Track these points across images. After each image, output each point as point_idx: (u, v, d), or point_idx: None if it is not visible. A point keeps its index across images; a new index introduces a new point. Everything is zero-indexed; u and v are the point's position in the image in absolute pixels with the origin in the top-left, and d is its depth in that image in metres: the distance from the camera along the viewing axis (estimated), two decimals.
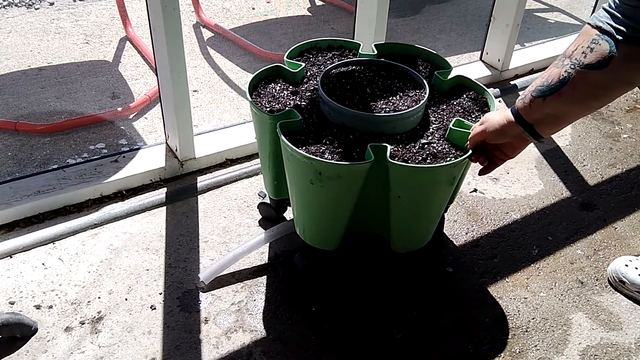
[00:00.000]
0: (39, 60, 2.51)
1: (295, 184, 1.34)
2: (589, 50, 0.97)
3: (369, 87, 1.44)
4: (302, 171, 1.27)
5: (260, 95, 1.43)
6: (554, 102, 1.04)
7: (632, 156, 2.10)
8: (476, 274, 1.60)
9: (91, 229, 1.64)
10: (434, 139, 1.35)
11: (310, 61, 1.59)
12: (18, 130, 2.08)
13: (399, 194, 1.30)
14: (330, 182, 1.25)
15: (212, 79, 2.48)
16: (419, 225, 1.42)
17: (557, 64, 1.04)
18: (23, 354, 1.32)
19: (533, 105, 1.07)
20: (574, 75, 0.99)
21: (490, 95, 1.47)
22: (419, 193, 1.32)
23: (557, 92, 1.02)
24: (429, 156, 1.29)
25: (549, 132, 1.13)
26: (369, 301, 1.50)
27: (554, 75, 1.03)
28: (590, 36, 0.98)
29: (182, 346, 1.36)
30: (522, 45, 2.82)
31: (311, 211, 1.37)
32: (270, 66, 1.49)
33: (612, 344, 1.44)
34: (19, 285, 1.47)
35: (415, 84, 1.47)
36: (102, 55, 2.59)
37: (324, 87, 1.39)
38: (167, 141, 1.89)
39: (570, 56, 1.01)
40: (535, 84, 1.07)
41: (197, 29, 2.88)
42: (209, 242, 1.63)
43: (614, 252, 1.70)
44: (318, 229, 1.41)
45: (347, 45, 1.65)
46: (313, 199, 1.33)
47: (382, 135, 1.33)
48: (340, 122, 1.35)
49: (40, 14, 2.91)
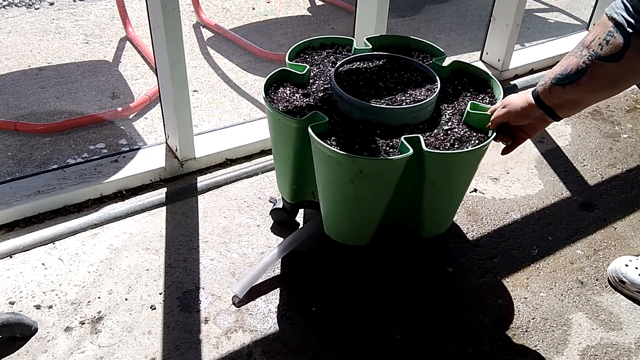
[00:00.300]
0: (39, 60, 2.51)
1: (332, 185, 1.34)
2: (605, 42, 1.02)
3: (380, 81, 1.46)
4: (341, 171, 1.28)
5: (274, 101, 1.44)
6: (573, 91, 1.10)
7: (632, 156, 2.10)
8: (476, 274, 1.60)
9: (91, 229, 1.64)
10: (454, 124, 1.40)
11: (308, 61, 1.59)
12: (18, 130, 2.08)
13: (434, 181, 1.34)
14: (371, 179, 1.28)
15: (212, 79, 2.48)
16: (449, 208, 1.50)
17: (576, 53, 1.08)
18: (23, 354, 1.32)
19: (553, 92, 1.14)
20: (591, 66, 1.05)
21: (489, 75, 1.54)
22: (453, 177, 1.38)
23: (575, 82, 1.08)
24: (455, 141, 1.34)
25: (568, 114, 1.20)
26: (369, 301, 1.50)
27: (572, 65, 1.08)
28: (606, 28, 1.02)
29: (182, 346, 1.36)
30: (522, 45, 2.82)
31: (348, 210, 1.39)
32: (276, 70, 1.49)
33: (612, 344, 1.44)
34: (19, 285, 1.47)
35: (421, 74, 1.50)
36: (102, 55, 2.59)
37: (342, 86, 1.41)
38: (167, 141, 1.89)
39: (588, 46, 1.05)
40: (555, 71, 1.12)
41: (197, 29, 2.88)
42: (209, 242, 1.63)
43: (614, 252, 1.70)
44: (354, 226, 1.43)
45: (339, 42, 1.67)
46: (352, 197, 1.35)
47: (406, 126, 1.37)
48: (364, 118, 1.37)
49: (40, 14, 2.91)
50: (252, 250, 1.62)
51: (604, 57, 1.03)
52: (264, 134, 1.98)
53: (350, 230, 1.44)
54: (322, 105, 1.43)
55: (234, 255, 1.60)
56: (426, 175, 1.33)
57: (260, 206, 1.76)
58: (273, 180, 1.86)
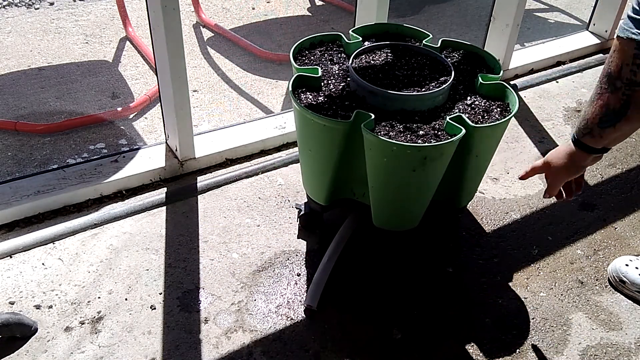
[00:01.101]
0: (39, 60, 2.51)
1: (393, 177, 1.38)
2: (636, 67, 0.98)
3: (396, 70, 1.50)
4: (406, 162, 1.32)
5: (300, 99, 1.44)
6: (624, 127, 1.06)
7: (632, 156, 2.10)
8: (476, 274, 1.60)
9: (91, 229, 1.64)
10: (473, 98, 1.49)
11: (307, 63, 1.59)
12: (18, 130, 2.08)
13: (477, 153, 1.42)
14: (433, 164, 1.33)
15: (212, 79, 2.48)
16: (482, 175, 1.58)
17: (608, 88, 1.04)
18: (23, 354, 1.32)
19: (605, 135, 1.10)
20: (632, 96, 1.01)
21: (476, 47, 1.65)
22: (491, 147, 1.48)
23: (624, 117, 1.04)
24: (483, 112, 1.44)
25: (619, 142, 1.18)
26: (369, 301, 1.50)
27: (613, 102, 1.04)
28: (629, 52, 0.98)
29: (182, 346, 1.36)
30: (522, 45, 2.82)
31: (407, 198, 1.44)
32: (295, 76, 1.48)
33: (612, 344, 1.44)
34: (19, 285, 1.47)
35: (426, 57, 1.56)
36: (102, 55, 2.59)
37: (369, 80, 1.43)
38: (167, 141, 1.89)
39: (619, 77, 1.01)
40: (595, 114, 1.08)
41: (197, 29, 2.88)
42: (208, 242, 1.63)
43: (614, 252, 1.70)
44: (410, 211, 1.49)
45: (327, 39, 1.68)
46: (413, 185, 1.39)
47: (436, 108, 1.44)
48: (399, 108, 1.40)
49: (40, 14, 2.91)
50: (252, 250, 1.62)
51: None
52: (264, 133, 1.98)
53: (404, 216, 1.50)
54: (350, 103, 1.44)
55: (234, 255, 1.60)
56: (471, 149, 1.40)
57: (260, 206, 1.76)
58: (273, 180, 1.86)
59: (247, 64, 2.60)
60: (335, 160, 1.43)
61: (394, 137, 1.32)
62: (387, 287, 1.54)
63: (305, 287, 1.52)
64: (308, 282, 1.53)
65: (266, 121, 2.06)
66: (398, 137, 1.33)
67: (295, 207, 1.72)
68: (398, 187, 1.40)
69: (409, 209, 1.48)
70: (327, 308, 1.47)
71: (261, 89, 2.44)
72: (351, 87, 1.47)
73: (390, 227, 1.51)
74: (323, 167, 1.47)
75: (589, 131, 1.12)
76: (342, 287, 1.53)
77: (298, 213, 1.69)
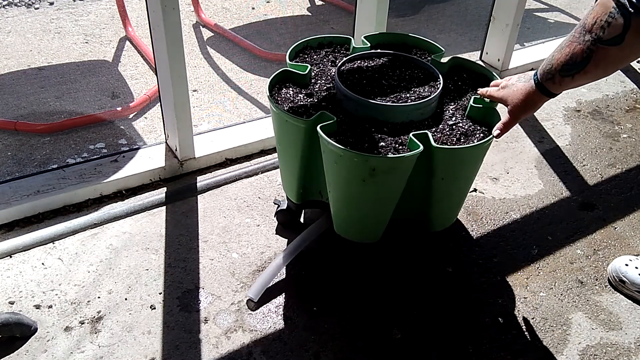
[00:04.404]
0: (39, 60, 2.51)
1: (344, 184, 1.35)
2: (606, 24, 0.99)
3: (383, 79, 1.47)
4: (354, 170, 1.28)
5: (279, 102, 1.44)
6: (580, 78, 1.10)
7: (631, 156, 2.10)
8: (476, 274, 1.60)
9: (91, 228, 1.64)
10: (458, 119, 1.42)
11: (307, 61, 1.59)
12: (18, 130, 2.07)
13: (443, 175, 1.36)
14: (383, 177, 1.29)
15: (212, 79, 2.48)
16: (457, 201, 1.52)
17: (578, 38, 1.06)
18: (23, 354, 1.32)
19: (563, 83, 1.13)
20: (595, 52, 1.03)
21: (487, 70, 1.56)
22: (461, 171, 1.40)
23: (583, 70, 1.07)
24: (461, 135, 1.36)
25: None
26: (369, 301, 1.50)
27: (577, 53, 1.06)
28: (607, 8, 0.99)
29: (182, 346, 1.36)
30: (522, 45, 2.82)
31: (360, 208, 1.40)
32: (279, 71, 1.49)
33: (612, 343, 1.44)
34: (19, 285, 1.47)
35: (423, 70, 1.52)
36: (101, 55, 2.59)
37: (347, 85, 1.41)
38: (166, 141, 1.89)
39: (590, 30, 1.03)
40: (560, 60, 1.11)
41: (197, 28, 2.88)
42: (208, 241, 1.63)
43: (614, 251, 1.70)
44: (365, 224, 1.44)
45: (337, 41, 1.67)
46: (364, 196, 1.35)
47: (412, 123, 1.39)
48: (370, 116, 1.38)
49: (40, 13, 2.91)
50: (251, 250, 1.62)
51: (606, 41, 1.00)
52: (264, 133, 1.98)
53: (361, 228, 1.45)
54: (327, 104, 1.43)
55: (234, 255, 1.60)
56: (435, 171, 1.35)
57: (260, 206, 1.76)
58: (273, 180, 1.86)
59: (247, 63, 2.60)
60: (300, 158, 1.42)
61: (351, 144, 1.29)
62: (387, 287, 1.54)
63: (306, 287, 1.52)
64: (309, 282, 1.53)
65: (266, 121, 2.06)
66: (356, 145, 1.29)
67: (274, 203, 1.72)
68: (350, 196, 1.37)
69: (363, 220, 1.43)
70: (327, 308, 1.47)
71: (261, 88, 2.44)
72: (334, 90, 1.46)
73: (350, 237, 1.46)
74: (290, 163, 1.47)
75: (551, 76, 1.14)
76: (342, 287, 1.53)
77: (276, 209, 1.69)
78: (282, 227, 1.69)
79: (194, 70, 2.52)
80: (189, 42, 2.74)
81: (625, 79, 2.58)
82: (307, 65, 1.51)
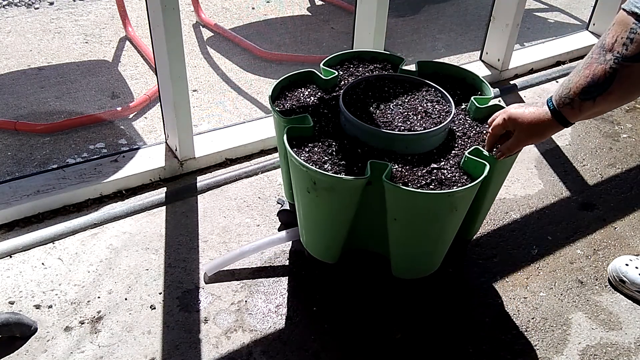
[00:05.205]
0: (39, 60, 2.51)
1: (295, 190, 1.34)
2: (629, 41, 0.94)
3: (394, 104, 1.41)
4: (301, 178, 1.26)
5: (286, 98, 1.43)
6: (603, 102, 1.01)
7: (631, 156, 2.10)
8: (476, 274, 1.60)
9: (91, 228, 1.64)
10: (447, 165, 1.28)
11: (350, 71, 1.57)
12: (18, 130, 2.08)
13: (395, 216, 1.25)
14: (325, 194, 1.24)
15: (212, 79, 2.48)
16: (418, 252, 1.36)
17: (598, 59, 0.99)
18: (23, 354, 1.32)
19: (583, 108, 1.04)
20: (619, 70, 0.96)
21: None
22: (416, 218, 1.26)
23: (606, 92, 0.99)
24: (433, 182, 1.22)
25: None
26: (369, 301, 1.50)
27: (598, 73, 0.99)
28: (627, 25, 0.94)
29: (182, 346, 1.36)
30: (522, 45, 2.82)
31: (309, 220, 1.37)
32: (302, 70, 1.49)
33: (612, 343, 1.44)
34: (19, 285, 1.47)
35: (445, 106, 1.41)
36: (101, 54, 2.59)
37: (350, 98, 1.39)
38: (166, 141, 1.89)
39: (611, 49, 0.97)
40: (579, 84, 1.03)
41: (197, 28, 2.88)
42: (208, 241, 1.63)
43: (614, 251, 1.70)
44: (317, 240, 1.41)
45: (391, 59, 1.60)
46: (310, 208, 1.33)
47: (393, 153, 1.29)
48: (354, 134, 1.33)
49: (40, 13, 2.91)
50: None
51: (630, 58, 0.94)
52: (264, 133, 1.98)
53: (314, 243, 1.42)
54: (329, 113, 1.41)
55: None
56: (387, 208, 1.24)
57: (260, 206, 1.76)
58: (273, 180, 1.86)
59: (247, 63, 2.60)
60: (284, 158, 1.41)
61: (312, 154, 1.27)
62: (387, 287, 1.54)
63: (306, 287, 1.52)
64: (309, 282, 1.53)
65: (266, 121, 2.06)
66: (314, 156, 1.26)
67: (277, 202, 1.72)
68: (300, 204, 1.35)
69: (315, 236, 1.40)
70: (328, 308, 1.47)
71: (261, 88, 2.44)
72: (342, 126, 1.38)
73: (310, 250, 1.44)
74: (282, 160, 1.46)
75: (570, 101, 1.05)
76: (342, 287, 1.53)
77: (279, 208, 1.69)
78: (284, 226, 1.69)
79: (194, 70, 2.52)
80: (189, 42, 2.74)
81: None
82: (334, 71, 1.49)
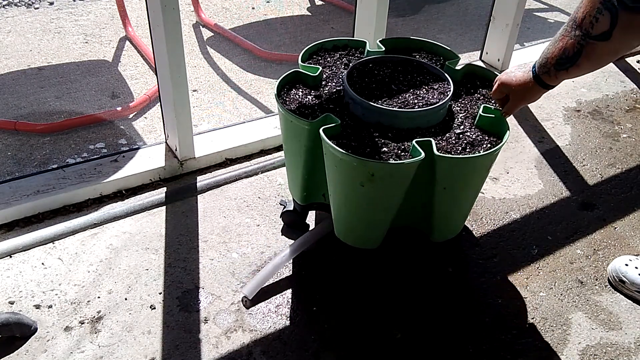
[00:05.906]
0: (39, 60, 2.51)
1: (343, 188, 1.34)
2: (595, 20, 1.01)
3: (393, 84, 1.46)
4: (353, 174, 1.27)
5: (287, 102, 1.43)
6: (574, 71, 1.13)
7: (631, 156, 2.10)
8: (476, 274, 1.60)
9: (91, 228, 1.64)
10: (466, 128, 1.40)
11: (321, 63, 1.58)
12: (18, 130, 2.08)
13: (445, 185, 1.34)
14: (382, 183, 1.27)
15: (212, 79, 2.48)
16: (460, 212, 1.48)
17: (570, 33, 1.09)
18: (23, 354, 1.32)
19: (559, 75, 1.17)
20: (585, 46, 1.06)
21: None
22: (463, 182, 1.37)
23: (575, 64, 1.11)
24: (467, 145, 1.34)
25: None
26: (369, 301, 1.50)
27: (569, 48, 1.10)
28: (595, 4, 1.01)
29: (182, 346, 1.36)
30: (522, 45, 2.82)
31: (359, 213, 1.38)
32: (289, 72, 1.49)
33: (612, 343, 1.44)
34: (19, 285, 1.47)
35: (434, 76, 1.50)
36: (101, 54, 2.59)
37: (354, 88, 1.40)
38: (166, 141, 1.89)
39: (580, 25, 1.05)
40: (554, 54, 1.14)
41: (197, 28, 2.88)
42: (208, 241, 1.63)
43: (614, 251, 1.70)
44: (364, 229, 1.43)
45: (352, 44, 1.66)
46: (363, 201, 1.34)
47: (418, 129, 1.36)
48: (376, 121, 1.36)
49: (40, 13, 2.91)
50: (251, 249, 1.62)
51: (595, 37, 1.03)
52: (264, 133, 1.98)
53: (360, 233, 1.44)
54: (334, 107, 1.43)
55: (234, 255, 1.60)
56: (437, 180, 1.32)
57: (260, 206, 1.76)
58: (273, 180, 1.86)
59: (246, 63, 2.60)
60: (304, 160, 1.41)
61: (353, 148, 1.28)
62: (387, 286, 1.54)
63: (306, 287, 1.52)
64: (309, 282, 1.53)
65: (266, 121, 2.06)
66: (358, 149, 1.28)
67: (280, 204, 1.72)
68: (349, 200, 1.36)
69: (362, 226, 1.42)
70: (328, 308, 1.47)
71: (261, 88, 2.44)
72: (343, 93, 1.46)
73: (349, 241, 1.45)
74: (295, 164, 1.47)
75: (547, 70, 1.17)
76: (342, 287, 1.53)
77: (282, 209, 1.69)
78: (287, 228, 1.69)
79: (194, 70, 2.52)
80: (189, 42, 2.74)
81: (625, 79, 2.58)
82: (318, 67, 1.50)
